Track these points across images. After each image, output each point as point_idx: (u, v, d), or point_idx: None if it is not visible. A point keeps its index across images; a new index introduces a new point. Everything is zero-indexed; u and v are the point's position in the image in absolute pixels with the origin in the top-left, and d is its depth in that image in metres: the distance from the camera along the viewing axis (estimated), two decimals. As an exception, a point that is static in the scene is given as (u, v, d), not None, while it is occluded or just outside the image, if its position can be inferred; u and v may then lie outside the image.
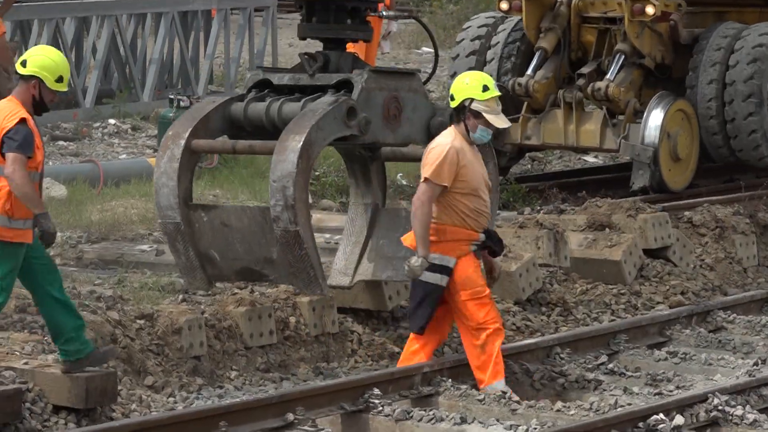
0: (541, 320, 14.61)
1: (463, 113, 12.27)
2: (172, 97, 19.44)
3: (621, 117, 17.88)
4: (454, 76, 18.61)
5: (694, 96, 18.16)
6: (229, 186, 17.34)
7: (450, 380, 12.38)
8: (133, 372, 12.28)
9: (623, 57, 17.99)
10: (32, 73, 11.66)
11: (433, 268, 12.19)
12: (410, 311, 12.81)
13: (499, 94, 12.36)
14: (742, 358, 13.33)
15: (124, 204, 16.15)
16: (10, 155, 11.22)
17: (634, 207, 16.21)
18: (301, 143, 12.76)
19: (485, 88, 12.16)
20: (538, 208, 17.26)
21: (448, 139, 12.31)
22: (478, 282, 12.35)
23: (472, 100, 12.13)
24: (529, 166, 19.86)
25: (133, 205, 16.05)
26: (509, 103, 18.20)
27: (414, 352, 12.56)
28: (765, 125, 17.59)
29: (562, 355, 13.19)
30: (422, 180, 12.17)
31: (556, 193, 18.21)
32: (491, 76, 18.15)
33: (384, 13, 18.81)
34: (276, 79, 13.67)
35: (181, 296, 13.69)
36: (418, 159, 12.81)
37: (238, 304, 13.57)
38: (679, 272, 15.88)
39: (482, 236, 12.38)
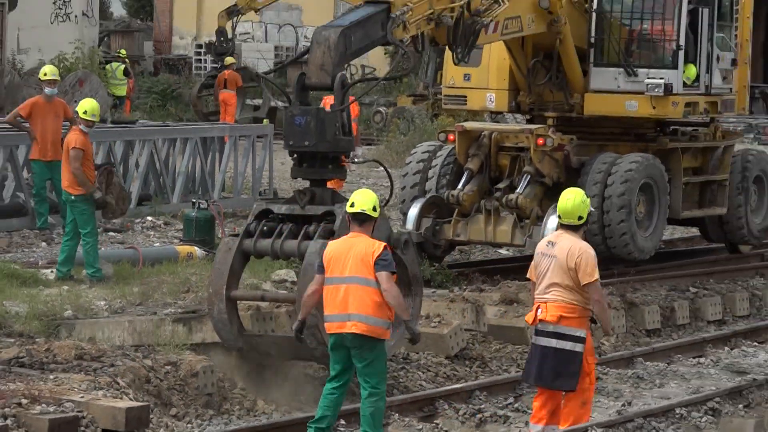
0: (465, 370, 14.53)
1: (585, 223, 11.47)
2: (194, 201, 19.46)
3: (527, 221, 17.83)
4: (404, 188, 18.76)
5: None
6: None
7: (397, 414, 12.20)
8: (161, 404, 12.32)
9: (529, 176, 17.91)
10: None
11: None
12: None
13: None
14: (613, 401, 13.35)
15: (156, 280, 16.09)
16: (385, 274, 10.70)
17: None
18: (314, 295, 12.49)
19: None
20: (464, 287, 17.23)
21: (584, 244, 11.28)
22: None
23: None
24: (458, 256, 19.87)
25: (163, 281, 15.97)
26: (444, 209, 18.28)
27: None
28: (632, 230, 17.65)
29: (480, 397, 13.05)
30: (592, 282, 11.01)
31: (478, 277, 18.13)
32: (431, 190, 18.32)
33: (356, 159, 18.89)
34: (275, 209, 13.55)
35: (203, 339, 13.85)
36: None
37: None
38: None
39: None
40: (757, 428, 11.90)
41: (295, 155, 13.46)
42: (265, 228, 13.32)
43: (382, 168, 15.84)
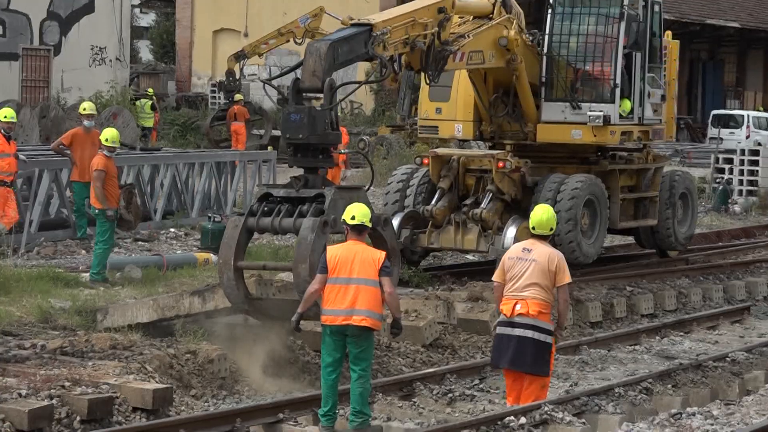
0: (438, 357, 14.50)
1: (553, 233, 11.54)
2: (209, 215, 19.43)
3: (490, 231, 17.82)
4: (386, 204, 18.60)
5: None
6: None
7: (381, 394, 12.12)
8: (182, 386, 12.33)
9: (491, 194, 17.88)
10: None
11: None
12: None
13: None
14: (562, 382, 13.32)
15: (178, 281, 16.09)
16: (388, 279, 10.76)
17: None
18: (308, 266, 12.40)
19: None
20: (437, 287, 17.19)
21: (558, 251, 11.38)
22: None
23: None
24: (432, 261, 19.87)
25: (184, 282, 15.97)
26: (420, 221, 18.25)
27: None
28: (578, 238, 17.64)
29: (451, 379, 12.95)
30: (568, 283, 11.12)
31: (449, 278, 18.09)
32: (409, 205, 18.30)
33: (342, 151, 18.80)
34: (275, 192, 13.60)
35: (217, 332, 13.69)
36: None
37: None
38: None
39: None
40: (683, 404, 11.93)
41: (291, 147, 13.51)
42: (266, 208, 13.31)
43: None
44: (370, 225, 11.03)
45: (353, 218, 10.80)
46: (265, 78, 14.62)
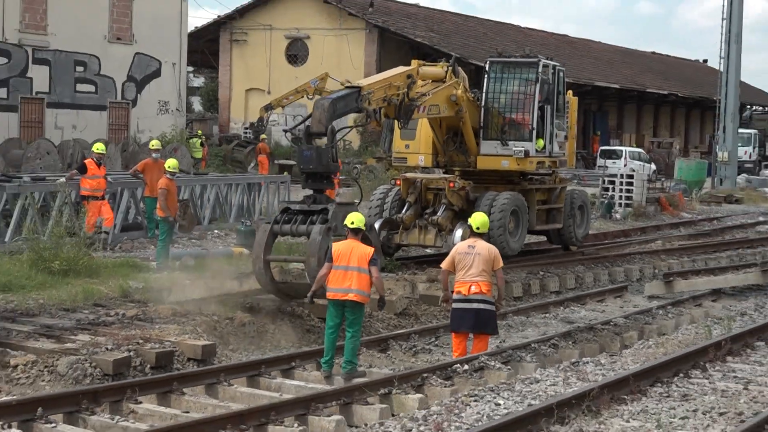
0: (406, 322, 14.48)
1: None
2: (242, 221, 19.40)
3: (443, 232, 17.82)
4: (370, 214, 18.01)
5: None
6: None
7: (365, 348, 11.95)
8: (223, 343, 12.27)
9: (445, 206, 17.86)
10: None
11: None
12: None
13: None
14: (494, 340, 13.23)
15: (222, 269, 16.02)
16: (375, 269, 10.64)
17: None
18: (316, 259, 12.40)
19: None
20: (405, 272, 17.13)
21: (492, 245, 11.36)
22: None
23: None
24: (402, 254, 19.78)
25: (222, 271, 15.85)
26: (394, 225, 17.91)
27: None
28: (506, 237, 17.62)
29: (414, 338, 12.93)
30: (501, 267, 11.08)
31: (413, 266, 18.08)
32: (386, 214, 18.20)
33: (340, 177, 18.64)
34: (292, 207, 13.60)
35: (249, 304, 13.44)
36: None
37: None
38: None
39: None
40: (580, 355, 11.93)
41: (304, 174, 13.52)
42: (285, 218, 13.34)
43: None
44: (364, 229, 11.01)
45: (352, 223, 10.82)
46: (285, 128, 14.62)
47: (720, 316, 14.62)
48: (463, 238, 15.06)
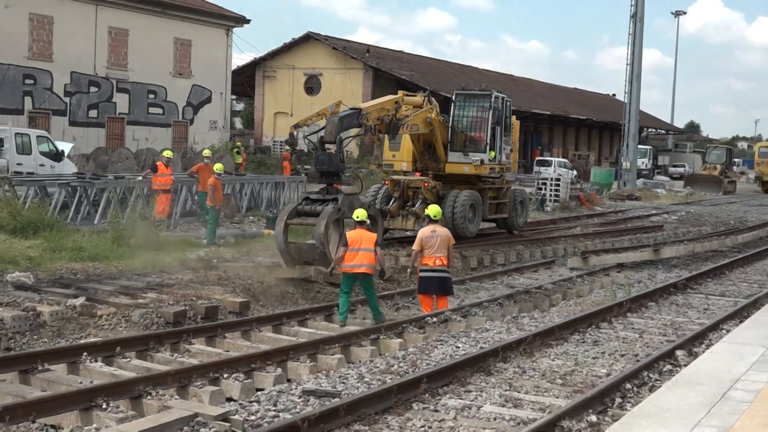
0: (391, 286, 14.06)
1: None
2: (271, 210, 19.32)
3: (419, 219, 17.79)
4: (369, 204, 18.20)
5: (444, 211, 18.14)
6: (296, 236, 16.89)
7: (360, 305, 11.75)
8: (255, 300, 12.13)
9: (421, 199, 17.91)
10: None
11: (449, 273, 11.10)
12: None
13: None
14: (455, 299, 13.08)
15: (255, 246, 15.99)
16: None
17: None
18: (324, 223, 12.53)
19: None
20: (391, 248, 17.08)
21: (447, 229, 11.11)
22: None
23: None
24: (389, 235, 19.73)
25: (255, 247, 15.83)
26: (383, 214, 17.77)
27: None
28: (465, 224, 17.59)
29: (396, 298, 12.38)
30: (453, 245, 10.98)
31: (397, 244, 18.01)
32: (378, 207, 18.01)
33: (347, 174, 18.42)
34: (312, 195, 13.60)
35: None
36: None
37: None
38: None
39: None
40: (519, 312, 11.85)
41: (319, 173, 13.42)
42: (304, 202, 13.38)
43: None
44: (368, 220, 10.91)
45: (358, 217, 10.79)
46: (305, 134, 14.56)
47: (622, 283, 14.54)
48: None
